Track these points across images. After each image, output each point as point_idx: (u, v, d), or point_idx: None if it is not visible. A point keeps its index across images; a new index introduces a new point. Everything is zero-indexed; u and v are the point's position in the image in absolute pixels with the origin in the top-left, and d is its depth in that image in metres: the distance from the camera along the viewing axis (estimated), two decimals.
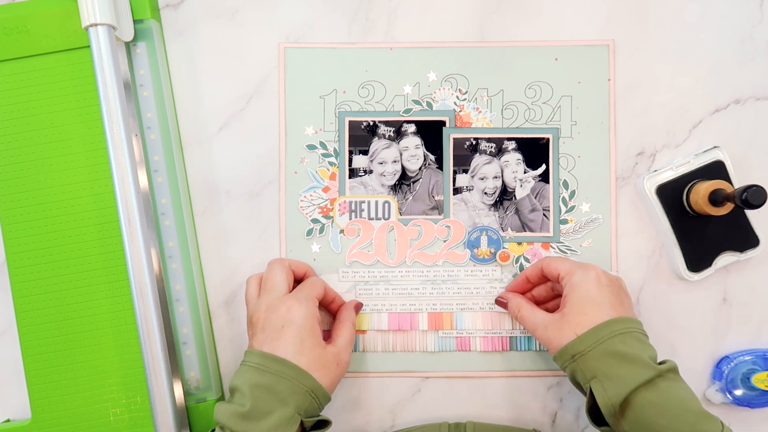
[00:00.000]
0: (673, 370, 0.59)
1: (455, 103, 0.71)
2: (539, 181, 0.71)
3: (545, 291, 0.70)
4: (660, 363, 0.59)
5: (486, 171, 0.71)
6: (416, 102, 0.71)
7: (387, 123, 0.71)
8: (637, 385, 0.57)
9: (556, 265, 0.65)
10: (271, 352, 0.60)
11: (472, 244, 0.71)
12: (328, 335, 0.68)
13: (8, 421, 0.70)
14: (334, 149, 0.71)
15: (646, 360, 0.58)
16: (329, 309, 0.70)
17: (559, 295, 0.68)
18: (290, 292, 0.65)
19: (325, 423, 0.62)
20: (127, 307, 0.67)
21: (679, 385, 0.58)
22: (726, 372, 0.69)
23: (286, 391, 0.59)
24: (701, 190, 0.66)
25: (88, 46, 0.62)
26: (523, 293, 0.70)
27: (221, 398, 0.70)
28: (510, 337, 0.71)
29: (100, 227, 0.67)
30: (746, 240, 0.70)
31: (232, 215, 0.72)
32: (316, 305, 0.64)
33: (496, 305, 0.71)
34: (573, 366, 0.61)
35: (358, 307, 0.70)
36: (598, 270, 0.63)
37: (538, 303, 0.70)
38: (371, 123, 0.71)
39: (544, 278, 0.68)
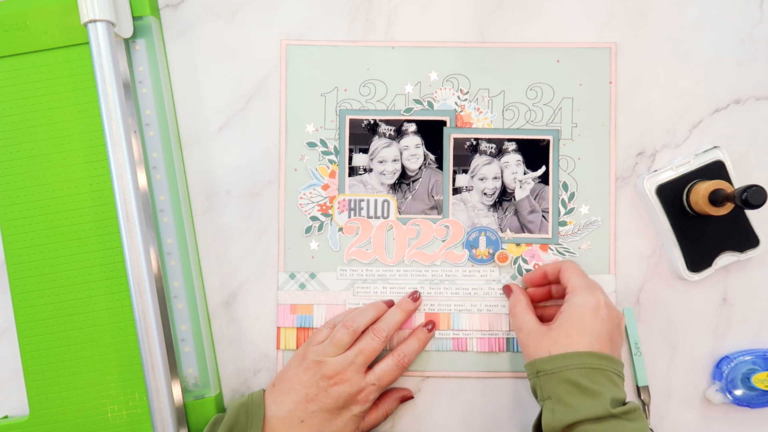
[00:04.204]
0: (632, 411, 0.58)
1: (456, 103, 0.71)
2: (539, 182, 0.71)
3: (557, 292, 0.70)
4: (624, 404, 0.58)
5: (486, 171, 0.71)
6: (417, 101, 0.71)
7: (387, 122, 0.71)
8: (585, 418, 0.56)
9: (568, 276, 0.65)
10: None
11: (471, 245, 0.71)
12: None
13: (6, 417, 0.70)
14: (335, 147, 0.71)
15: (605, 399, 0.57)
16: None
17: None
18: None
19: None
20: (126, 303, 0.66)
21: (634, 426, 0.57)
22: (726, 372, 0.69)
23: None
24: (701, 190, 0.66)
25: (87, 43, 0.62)
26: (536, 285, 0.70)
27: (219, 396, 0.69)
28: (507, 338, 0.71)
29: (98, 224, 0.67)
30: (746, 240, 0.69)
31: (232, 215, 0.72)
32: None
33: (493, 306, 0.71)
34: (535, 381, 0.61)
35: (405, 398, 0.70)
36: (601, 299, 0.62)
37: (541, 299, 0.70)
38: (372, 121, 0.71)
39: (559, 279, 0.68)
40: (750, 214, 0.69)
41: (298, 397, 0.63)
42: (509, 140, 0.71)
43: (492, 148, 0.71)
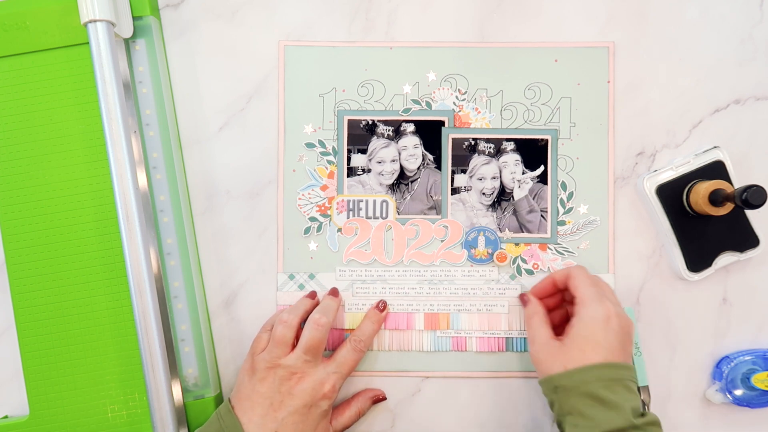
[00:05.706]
0: (653, 423, 0.58)
1: (454, 103, 0.71)
2: (537, 182, 0.71)
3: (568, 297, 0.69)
4: (642, 415, 0.58)
5: (484, 171, 0.71)
6: (415, 101, 0.71)
7: (386, 122, 0.71)
8: (608, 431, 0.56)
9: (576, 284, 0.64)
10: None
11: (470, 245, 0.71)
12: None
13: (6, 417, 0.70)
14: (333, 148, 0.71)
15: (626, 409, 0.57)
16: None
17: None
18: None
19: None
20: (126, 303, 0.67)
21: None
22: (726, 372, 0.69)
23: None
24: (701, 190, 0.66)
25: (87, 43, 0.62)
26: (546, 296, 0.69)
27: (219, 396, 0.70)
28: (506, 338, 0.71)
29: (98, 224, 0.67)
30: (746, 240, 0.69)
31: (232, 215, 0.72)
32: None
33: (492, 305, 0.71)
34: (553, 397, 0.61)
35: (377, 399, 0.70)
36: (611, 309, 0.62)
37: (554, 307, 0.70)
38: (370, 122, 0.71)
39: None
40: (750, 214, 0.69)
41: (263, 410, 0.62)
42: (507, 140, 0.71)
43: (490, 147, 0.71)
